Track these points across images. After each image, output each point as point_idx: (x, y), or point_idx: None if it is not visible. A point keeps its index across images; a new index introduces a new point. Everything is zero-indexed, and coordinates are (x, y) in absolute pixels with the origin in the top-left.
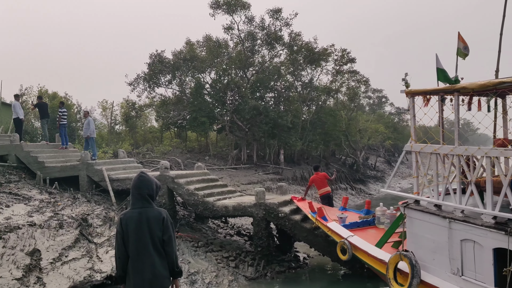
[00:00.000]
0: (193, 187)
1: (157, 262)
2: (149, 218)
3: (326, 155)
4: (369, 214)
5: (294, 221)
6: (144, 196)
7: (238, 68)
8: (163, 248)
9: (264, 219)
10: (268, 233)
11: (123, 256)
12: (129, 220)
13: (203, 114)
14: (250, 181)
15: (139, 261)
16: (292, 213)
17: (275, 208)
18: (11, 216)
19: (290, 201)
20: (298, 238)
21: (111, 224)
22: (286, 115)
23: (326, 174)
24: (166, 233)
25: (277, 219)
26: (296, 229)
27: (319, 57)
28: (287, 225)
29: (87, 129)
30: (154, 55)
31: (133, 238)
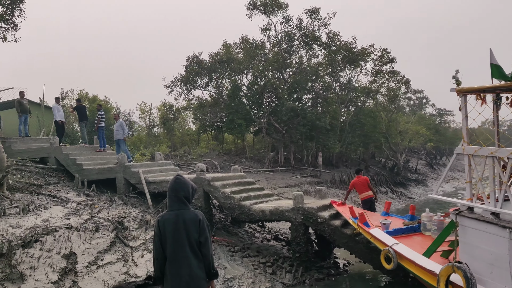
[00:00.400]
0: (229, 190)
1: (194, 264)
2: (186, 220)
3: (365, 158)
4: (413, 220)
5: (334, 226)
6: (180, 198)
7: (275, 69)
8: (199, 249)
9: (303, 224)
10: (306, 238)
11: (161, 257)
12: (166, 222)
13: (239, 116)
14: (288, 184)
15: (176, 262)
16: (332, 218)
17: (314, 213)
18: (49, 218)
19: (329, 206)
20: (338, 244)
21: (147, 227)
22: (324, 117)
23: (368, 178)
24: (203, 234)
25: (316, 224)
26: (336, 235)
27: (358, 57)
28: (327, 231)
29: (118, 131)
30: (191, 57)
31: (170, 239)
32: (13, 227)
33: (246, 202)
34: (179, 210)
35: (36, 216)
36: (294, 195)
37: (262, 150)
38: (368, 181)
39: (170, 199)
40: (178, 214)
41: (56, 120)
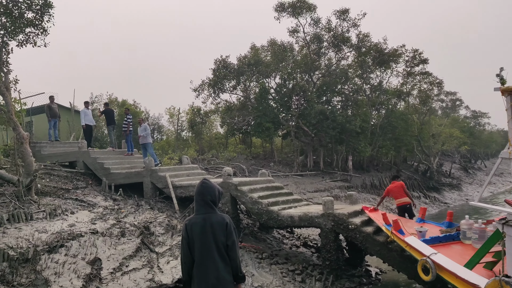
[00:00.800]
0: (256, 195)
1: (221, 267)
2: (213, 224)
3: (397, 162)
4: (451, 227)
5: (366, 233)
6: (207, 202)
7: (303, 72)
8: (227, 253)
9: (333, 230)
10: (337, 245)
11: (189, 261)
12: (194, 226)
13: (267, 120)
14: (317, 188)
15: (204, 266)
16: (364, 224)
17: (345, 219)
18: (75, 223)
19: (361, 212)
20: (370, 252)
21: (174, 232)
22: (355, 120)
23: (403, 183)
24: (230, 238)
25: (347, 231)
26: (368, 243)
27: (388, 59)
28: (358, 238)
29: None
30: (219, 61)
31: (198, 243)
32: (39, 232)
33: (274, 208)
34: (206, 213)
35: (62, 221)
36: (324, 201)
37: (290, 154)
38: (404, 186)
39: (197, 203)
40: (205, 218)
41: (85, 124)
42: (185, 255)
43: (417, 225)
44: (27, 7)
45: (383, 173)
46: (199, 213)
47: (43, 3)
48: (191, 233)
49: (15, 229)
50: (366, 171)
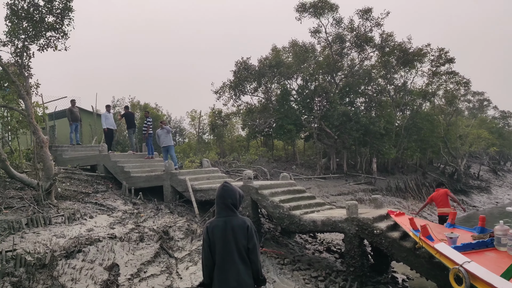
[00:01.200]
0: (278, 198)
1: (242, 270)
2: (234, 227)
3: (422, 164)
4: (484, 233)
5: (392, 239)
6: (228, 205)
7: (325, 73)
8: (247, 256)
9: (357, 236)
10: (361, 251)
11: (210, 263)
12: (215, 229)
13: (289, 122)
14: (340, 192)
15: (225, 268)
16: (389, 229)
17: (370, 224)
18: (93, 227)
19: (386, 216)
20: (396, 258)
21: (193, 237)
22: (379, 121)
23: (448, 190)
24: (251, 241)
25: (372, 236)
26: (394, 248)
27: (413, 58)
28: (384, 244)
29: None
30: (240, 63)
31: (219, 246)
32: (57, 237)
33: (296, 212)
34: (227, 216)
35: (80, 225)
36: (347, 205)
37: (313, 157)
38: (449, 193)
39: (218, 206)
40: (226, 221)
41: (106, 128)
42: (206, 257)
43: (447, 230)
44: (47, 11)
45: (408, 175)
46: (220, 216)
47: (63, 7)
48: (212, 236)
49: (33, 233)
50: (391, 173)
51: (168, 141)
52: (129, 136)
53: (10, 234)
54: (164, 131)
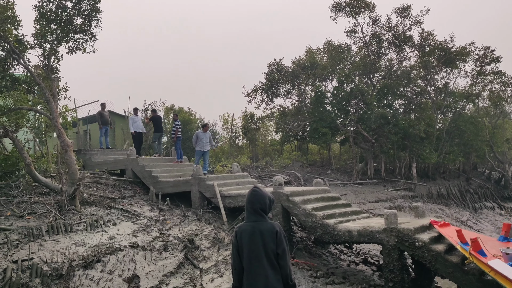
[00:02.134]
0: (310, 206)
1: (271, 275)
2: (262, 231)
3: (466, 169)
4: None
5: (436, 252)
6: (256, 210)
7: (362, 74)
8: (277, 261)
9: (397, 248)
10: (401, 265)
11: (239, 267)
12: (244, 233)
13: (324, 125)
14: (378, 198)
15: (253, 273)
16: (433, 242)
17: (411, 235)
18: (116, 235)
19: (429, 227)
20: (440, 274)
21: (220, 246)
22: (419, 124)
23: None
24: (280, 246)
25: (413, 249)
26: (438, 263)
27: (455, 58)
28: (426, 257)
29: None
30: (272, 64)
31: (247, 250)
32: (77, 245)
33: (330, 221)
34: (256, 221)
35: (102, 233)
36: (386, 214)
37: (349, 161)
38: None
39: (247, 211)
40: (254, 226)
41: (134, 131)
42: (235, 261)
43: (501, 244)
44: (75, 13)
45: (450, 181)
46: (249, 221)
47: (91, 8)
48: (241, 240)
49: (52, 241)
50: (432, 179)
51: (206, 145)
52: (155, 140)
53: (29, 242)
54: (206, 135)
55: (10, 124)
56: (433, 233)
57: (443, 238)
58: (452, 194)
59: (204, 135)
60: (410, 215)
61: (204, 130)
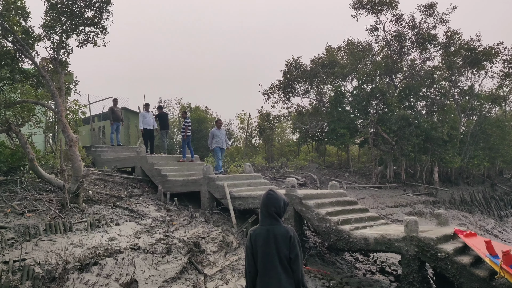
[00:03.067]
0: (324, 211)
1: (283, 279)
2: (276, 235)
3: (491, 174)
4: None
5: (461, 264)
6: (271, 213)
7: (383, 74)
8: (289, 265)
9: (417, 258)
10: (421, 277)
11: (253, 270)
12: (258, 236)
13: (342, 125)
14: (397, 203)
15: (266, 276)
16: (458, 253)
17: (433, 245)
18: (117, 236)
19: (453, 236)
20: None
21: (228, 250)
22: (442, 126)
23: None
24: (293, 251)
25: (435, 260)
26: (463, 277)
27: (482, 58)
28: (450, 270)
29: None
30: (290, 62)
31: (261, 254)
32: (74, 246)
33: (345, 227)
34: (270, 225)
35: (103, 233)
36: (406, 221)
37: (368, 164)
38: None
39: (262, 214)
40: (269, 229)
41: (143, 128)
42: (249, 264)
43: None
44: (86, 5)
45: (474, 187)
46: (263, 224)
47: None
48: (255, 244)
49: (49, 241)
50: (455, 184)
51: (223, 142)
52: (161, 137)
53: (25, 241)
54: (222, 131)
55: (16, 118)
56: (457, 243)
57: (468, 249)
58: (476, 200)
59: (220, 132)
60: (432, 222)
61: (218, 126)
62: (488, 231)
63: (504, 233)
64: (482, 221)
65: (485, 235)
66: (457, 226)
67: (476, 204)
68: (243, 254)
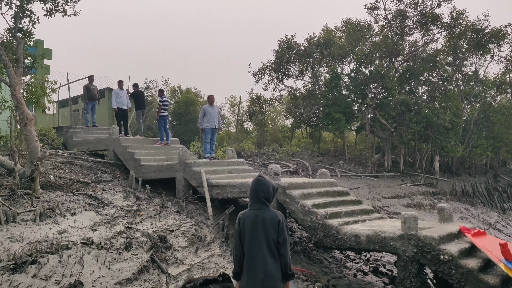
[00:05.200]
0: (311, 202)
1: (270, 263)
2: (265, 219)
3: (494, 165)
4: None
5: (467, 269)
6: (260, 199)
7: (383, 56)
8: (277, 249)
9: (416, 260)
10: (420, 282)
11: (240, 253)
12: (246, 220)
13: (338, 110)
14: (395, 194)
15: (253, 260)
16: (463, 255)
17: (434, 245)
18: (68, 228)
19: (458, 234)
20: None
21: (200, 246)
22: (444, 113)
23: None
24: (281, 235)
25: (437, 263)
26: (469, 283)
27: (488, 41)
28: (454, 275)
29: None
30: (283, 41)
31: (249, 237)
32: (12, 240)
33: (334, 221)
34: (259, 209)
35: (52, 225)
36: (403, 217)
37: (365, 152)
38: None
39: (251, 199)
40: (257, 214)
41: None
42: (237, 247)
43: None
44: None
45: (476, 178)
46: (253, 208)
47: None
48: (243, 227)
49: None
50: (456, 174)
51: (216, 122)
52: (137, 118)
53: None
54: (214, 109)
55: None
56: (463, 243)
57: (476, 250)
58: (478, 192)
59: (212, 110)
60: (432, 216)
61: (211, 103)
62: (492, 225)
63: (508, 228)
64: (484, 214)
65: (488, 229)
66: (459, 220)
67: (478, 196)
68: (218, 250)
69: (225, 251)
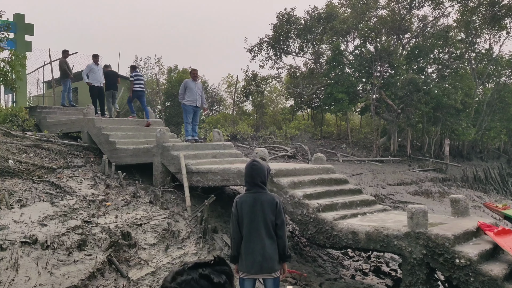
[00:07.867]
0: (302, 192)
1: (268, 245)
2: (263, 202)
3: (508, 149)
4: None
5: (489, 277)
6: (257, 183)
7: (390, 33)
8: (275, 231)
9: (425, 264)
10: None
11: (238, 237)
12: (244, 203)
13: (341, 90)
14: (401, 180)
15: (251, 242)
16: (484, 259)
17: (448, 246)
18: (11, 223)
19: (476, 232)
20: None
21: (172, 243)
22: (455, 93)
23: None
24: (279, 217)
25: (451, 269)
26: None
27: (505, 14)
28: (472, 284)
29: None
30: (282, 15)
31: (247, 220)
32: None
33: (328, 215)
34: (256, 193)
35: None
36: (410, 211)
37: (369, 135)
38: None
39: (248, 183)
40: (255, 197)
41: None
42: (235, 231)
43: None
44: None
45: (489, 162)
46: (250, 192)
47: None
48: (241, 210)
49: None
50: (467, 159)
51: (198, 99)
52: (106, 98)
53: None
54: (198, 85)
55: None
56: (483, 243)
57: (500, 252)
58: (491, 178)
59: (195, 85)
60: (441, 204)
61: (194, 77)
62: None
63: None
64: (498, 203)
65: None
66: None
67: (491, 182)
68: (193, 247)
69: (201, 248)
